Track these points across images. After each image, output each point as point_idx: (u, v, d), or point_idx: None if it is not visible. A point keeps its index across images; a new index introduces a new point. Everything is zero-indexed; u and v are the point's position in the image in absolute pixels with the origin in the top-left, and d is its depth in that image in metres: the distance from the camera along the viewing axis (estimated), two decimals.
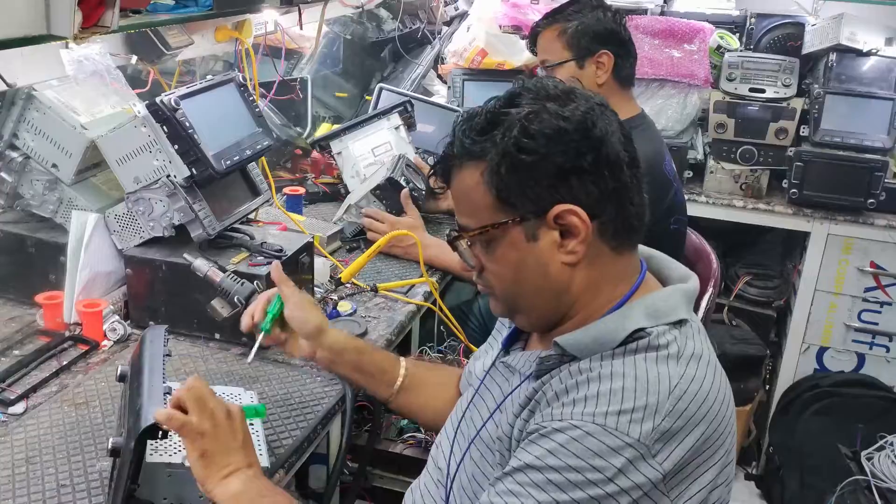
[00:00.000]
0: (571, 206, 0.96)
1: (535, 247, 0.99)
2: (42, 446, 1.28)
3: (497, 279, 1.05)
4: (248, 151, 1.63)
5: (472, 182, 1.00)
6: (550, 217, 0.97)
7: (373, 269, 2.00)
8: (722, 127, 2.78)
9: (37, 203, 1.65)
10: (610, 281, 1.02)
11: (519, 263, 1.01)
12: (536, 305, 1.05)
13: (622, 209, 1.00)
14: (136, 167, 1.56)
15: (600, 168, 0.97)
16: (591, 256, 0.99)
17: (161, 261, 1.59)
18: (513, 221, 0.99)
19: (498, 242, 1.01)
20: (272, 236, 1.71)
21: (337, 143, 2.39)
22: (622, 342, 0.97)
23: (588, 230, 0.97)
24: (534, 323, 1.10)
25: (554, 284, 1.01)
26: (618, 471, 0.87)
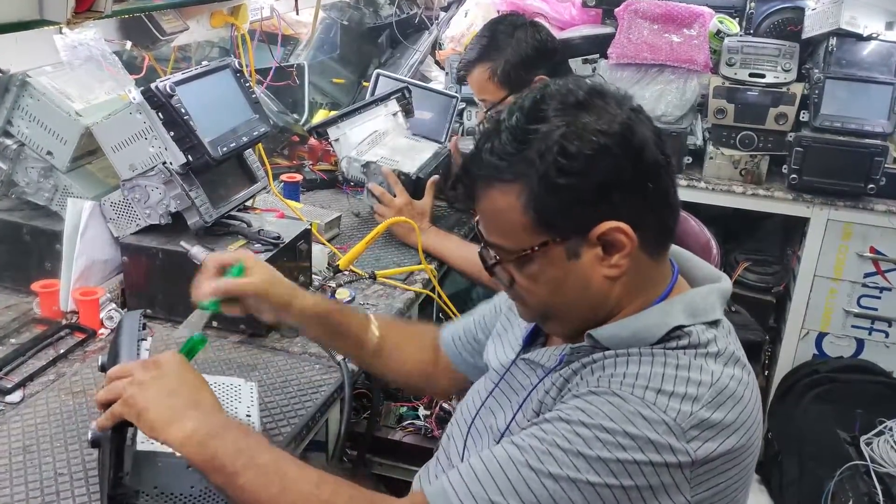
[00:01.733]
0: (616, 224, 0.93)
1: (577, 264, 0.97)
2: (39, 435, 1.27)
3: (531, 295, 1.02)
4: (245, 138, 1.61)
5: (506, 204, 0.96)
6: (594, 235, 0.94)
7: (371, 257, 1.99)
8: (721, 112, 2.76)
9: (32, 191, 1.64)
10: (647, 285, 1.00)
11: (558, 280, 0.98)
12: (573, 316, 1.02)
13: (663, 215, 0.98)
14: (132, 154, 1.55)
15: (642, 179, 0.94)
16: (632, 266, 0.97)
17: (157, 248, 1.58)
18: (554, 242, 0.96)
19: (535, 261, 0.98)
20: (269, 223, 1.70)
21: (334, 129, 2.36)
22: (661, 339, 0.96)
23: (633, 244, 0.95)
24: (566, 332, 1.07)
25: (594, 297, 0.99)
26: (649, 442, 0.86)
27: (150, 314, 1.61)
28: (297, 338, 1.56)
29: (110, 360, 1.15)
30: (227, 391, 1.30)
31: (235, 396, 1.29)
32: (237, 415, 1.25)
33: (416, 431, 1.82)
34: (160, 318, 1.61)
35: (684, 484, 0.88)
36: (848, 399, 2.64)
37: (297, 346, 1.56)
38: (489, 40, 2.02)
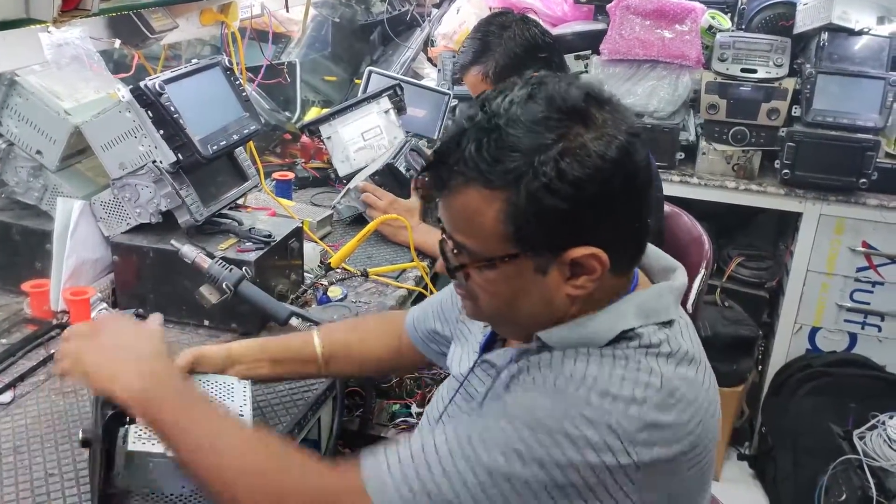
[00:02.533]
0: (593, 251, 0.89)
1: (542, 280, 0.93)
2: (30, 435, 1.27)
3: (488, 298, 0.97)
4: (235, 136, 1.61)
5: (483, 207, 0.89)
6: (568, 257, 0.90)
7: (363, 254, 1.99)
8: (714, 108, 2.76)
9: (21, 190, 1.63)
10: (607, 297, 0.97)
11: (520, 292, 0.94)
12: (527, 325, 0.99)
13: (639, 237, 0.95)
14: (122, 153, 1.54)
15: (630, 205, 0.91)
16: (597, 284, 0.94)
17: (148, 247, 1.57)
18: (524, 255, 0.91)
19: (500, 270, 0.93)
20: (261, 222, 1.70)
21: (326, 127, 2.37)
22: (610, 342, 0.93)
23: (604, 269, 0.91)
24: (518, 336, 1.05)
25: (554, 311, 0.96)
26: (587, 442, 0.84)
27: (142, 314, 1.61)
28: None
29: None
30: (220, 389, 1.30)
31: (228, 394, 1.28)
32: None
33: (408, 429, 1.82)
34: None
35: (628, 485, 0.85)
36: (841, 393, 2.65)
37: None
38: (480, 42, 2.02)
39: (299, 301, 1.70)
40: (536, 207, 0.87)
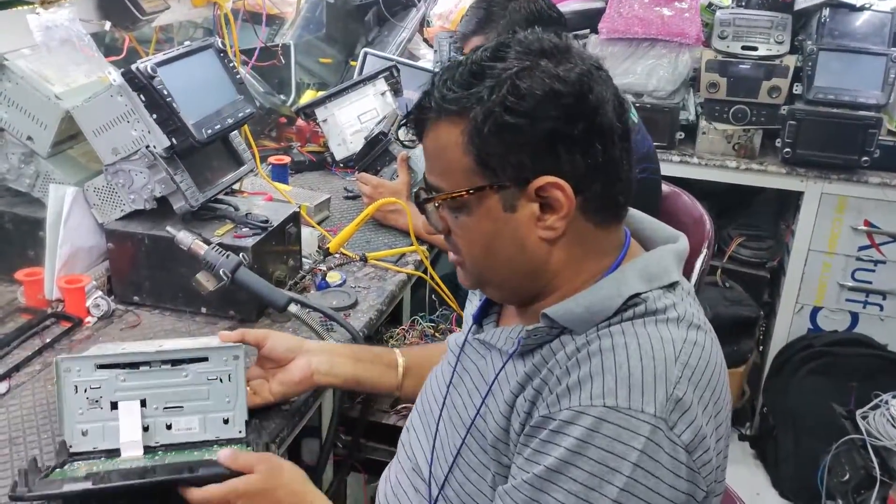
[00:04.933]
0: (556, 180, 0.89)
1: (512, 218, 0.92)
2: (26, 426, 1.25)
3: (466, 247, 0.97)
4: (230, 120, 1.58)
5: (450, 140, 0.92)
6: (532, 188, 0.90)
7: (361, 239, 1.96)
8: (714, 86, 2.73)
9: (13, 177, 1.60)
10: (593, 256, 0.96)
11: (492, 234, 0.94)
12: (509, 279, 0.98)
13: (609, 185, 0.92)
14: (114, 138, 1.51)
15: (591, 139, 0.89)
16: (573, 232, 0.93)
17: (143, 234, 1.54)
18: (490, 188, 0.91)
19: (471, 209, 0.93)
20: (257, 207, 1.67)
21: (322, 110, 2.33)
22: (618, 310, 0.92)
23: (571, 206, 0.90)
24: (506, 297, 1.04)
25: (530, 259, 0.94)
26: (640, 453, 0.81)
27: (138, 301, 1.59)
28: (287, 323, 1.54)
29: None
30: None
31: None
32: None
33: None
34: (148, 305, 1.58)
35: (693, 475, 0.84)
36: (843, 373, 2.64)
37: (287, 331, 1.53)
38: (484, 12, 1.98)
39: (298, 287, 1.68)
40: (495, 127, 0.88)
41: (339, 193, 2.25)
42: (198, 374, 1.21)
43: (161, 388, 1.20)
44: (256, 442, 1.18)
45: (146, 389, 1.19)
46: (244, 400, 1.21)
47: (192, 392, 1.20)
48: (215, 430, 1.20)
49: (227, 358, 1.21)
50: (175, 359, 1.21)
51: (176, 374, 1.20)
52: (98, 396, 1.18)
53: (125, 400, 1.18)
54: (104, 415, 1.18)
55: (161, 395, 1.20)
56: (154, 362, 1.20)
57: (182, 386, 1.20)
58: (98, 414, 1.18)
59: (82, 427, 1.17)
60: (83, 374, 1.18)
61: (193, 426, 1.20)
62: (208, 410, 1.21)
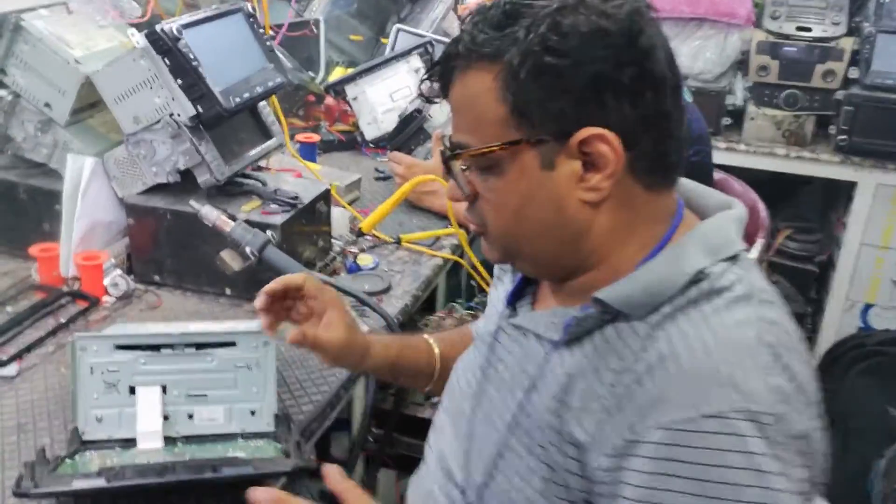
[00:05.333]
0: (602, 131, 0.76)
1: (550, 177, 0.80)
2: (36, 412, 1.15)
3: (495, 212, 0.85)
4: (259, 88, 1.47)
5: (482, 88, 0.79)
6: (575, 142, 0.77)
7: (394, 221, 1.85)
8: (764, 70, 2.59)
9: (29, 146, 1.51)
10: (642, 223, 0.83)
11: (526, 195, 0.81)
12: (543, 250, 0.85)
13: (661, 141, 0.80)
14: (136, 105, 1.41)
15: (642, 86, 0.77)
16: (620, 194, 0.80)
17: (165, 209, 1.44)
18: (527, 142, 0.79)
19: (503, 167, 0.81)
20: (287, 183, 1.56)
21: (352, 87, 2.24)
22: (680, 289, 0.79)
23: (619, 163, 0.78)
24: (541, 271, 0.91)
25: (569, 225, 0.82)
26: (761, 456, 0.70)
27: (158, 281, 1.49)
28: None
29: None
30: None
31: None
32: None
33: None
34: (169, 285, 1.49)
35: (805, 471, 0.73)
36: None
37: None
38: None
39: (328, 269, 1.58)
40: (534, 70, 0.76)
41: (370, 174, 2.14)
42: (224, 360, 1.11)
43: (184, 373, 1.10)
44: (286, 437, 1.08)
45: (168, 374, 1.10)
46: (273, 391, 1.11)
47: (217, 379, 1.10)
48: (241, 421, 1.10)
49: (256, 344, 1.11)
50: (200, 342, 1.11)
51: (201, 359, 1.10)
52: (116, 380, 1.08)
53: (145, 385, 1.09)
54: (121, 400, 1.08)
55: (184, 382, 1.10)
56: (178, 345, 1.10)
57: (207, 372, 1.10)
58: (115, 399, 1.08)
59: (97, 413, 1.08)
60: (100, 354, 1.08)
61: (218, 417, 1.10)
62: (234, 400, 1.11)
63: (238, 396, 1.11)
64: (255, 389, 1.11)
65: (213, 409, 1.10)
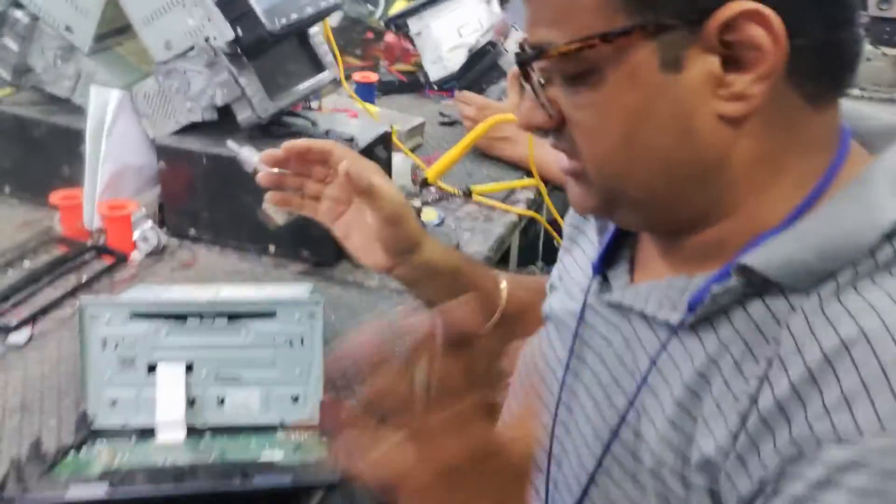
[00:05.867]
0: (758, 6, 0.51)
1: (675, 82, 0.54)
2: (45, 387, 0.98)
3: (592, 142, 0.59)
4: (310, 9, 1.25)
5: None
6: (715, 25, 0.52)
7: (461, 171, 1.63)
8: (886, 2, 2.26)
9: (49, 78, 1.32)
10: (799, 151, 0.58)
11: (640, 111, 0.56)
12: (661, 191, 0.59)
13: (834, 28, 0.54)
14: (167, 28, 1.21)
15: None
16: (774, 108, 0.55)
17: (201, 153, 1.25)
18: (643, 30, 0.53)
19: (605, 71, 0.56)
20: (341, 124, 1.36)
21: (415, 20, 2.00)
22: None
23: (779, 56, 0.52)
24: (654, 221, 0.64)
25: (698, 154, 0.57)
26: None
27: (194, 235, 1.30)
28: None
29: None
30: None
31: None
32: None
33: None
34: (205, 240, 1.30)
35: None
36: None
37: (374, 279, 1.22)
38: None
39: None
40: None
41: (434, 119, 1.91)
42: (262, 334, 0.91)
43: (214, 349, 0.91)
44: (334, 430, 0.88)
45: (194, 350, 0.91)
46: (320, 373, 0.91)
47: (253, 358, 0.91)
48: (280, 409, 0.91)
49: (300, 315, 0.91)
50: (234, 312, 0.91)
51: (234, 332, 0.91)
52: (132, 355, 0.90)
53: (167, 362, 0.90)
54: (139, 379, 0.90)
55: (213, 360, 0.91)
56: (207, 314, 0.91)
57: (241, 349, 0.91)
58: (131, 377, 0.90)
59: (111, 394, 0.90)
60: (114, 323, 0.90)
61: (253, 403, 0.91)
62: (273, 383, 0.91)
63: (278, 379, 0.91)
64: (299, 371, 0.91)
65: (248, 393, 0.91)
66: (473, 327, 0.57)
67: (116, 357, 0.90)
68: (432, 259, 0.90)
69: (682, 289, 0.61)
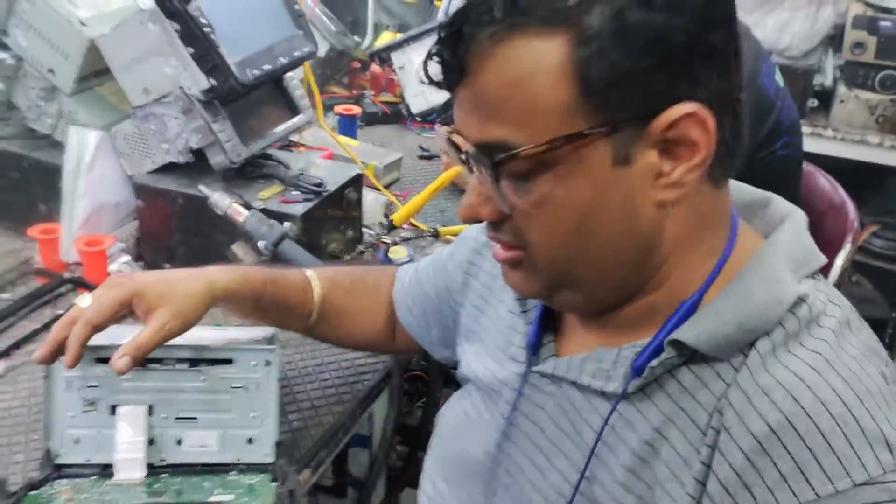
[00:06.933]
0: (696, 108, 0.58)
1: (624, 175, 0.60)
2: (14, 423, 1.03)
3: (545, 233, 0.63)
4: (283, 59, 1.30)
5: (539, 64, 0.58)
6: (660, 125, 0.58)
7: (435, 208, 1.67)
8: (860, 47, 2.32)
9: (33, 116, 1.38)
10: (709, 227, 0.66)
11: (592, 204, 0.61)
12: (607, 274, 0.65)
13: (738, 123, 0.63)
14: (145, 75, 1.25)
15: (730, 54, 0.60)
16: (691, 193, 0.62)
17: (176, 192, 1.30)
18: (600, 133, 0.58)
19: (559, 169, 0.60)
20: (314, 166, 1.40)
21: (399, 54, 2.06)
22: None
23: (710, 149, 0.59)
24: (596, 301, 0.69)
25: (641, 237, 0.63)
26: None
27: (169, 269, 1.35)
28: None
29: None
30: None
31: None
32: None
33: None
34: None
35: None
36: None
37: None
38: None
39: (355, 263, 1.41)
40: (620, 36, 0.56)
41: (414, 152, 1.97)
42: (219, 379, 0.95)
43: (174, 392, 0.95)
44: (285, 471, 0.93)
45: (155, 393, 0.95)
46: (275, 416, 0.95)
47: (211, 401, 0.95)
48: (236, 450, 0.95)
49: (256, 362, 0.95)
50: (193, 357, 0.96)
51: (193, 376, 0.95)
52: (96, 397, 0.94)
53: (128, 404, 0.94)
54: (102, 420, 0.94)
55: (173, 402, 0.95)
56: (167, 360, 0.95)
57: (199, 392, 0.95)
58: (94, 419, 0.94)
59: (74, 433, 0.94)
60: (79, 367, 0.94)
61: (210, 444, 0.95)
62: (229, 425, 0.96)
63: (234, 421, 0.96)
64: (254, 414, 0.96)
65: (205, 434, 0.95)
66: None
67: (80, 398, 0.94)
68: (230, 289, 0.92)
69: (612, 360, 0.68)
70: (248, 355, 0.95)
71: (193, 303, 0.87)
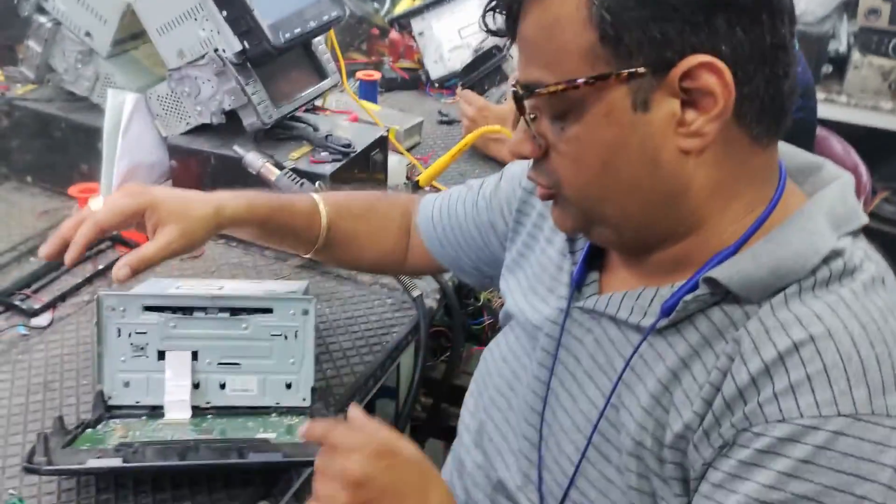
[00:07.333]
0: (712, 60, 0.62)
1: (643, 120, 0.65)
2: (64, 368, 1.09)
3: (573, 168, 0.70)
4: (313, 23, 1.34)
5: (565, 11, 0.65)
6: (677, 74, 0.63)
7: (455, 171, 1.72)
8: (875, 13, 2.33)
9: (70, 78, 1.42)
10: (747, 181, 0.69)
11: (614, 144, 0.67)
12: (632, 212, 0.70)
13: (774, 81, 0.66)
14: (180, 38, 1.30)
15: (759, 10, 0.64)
16: (724, 143, 0.67)
17: (209, 152, 1.35)
18: (618, 76, 0.64)
19: (585, 109, 0.66)
20: (340, 128, 1.45)
21: (418, 20, 2.08)
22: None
23: (728, 100, 0.64)
24: (625, 239, 0.74)
25: (664, 181, 0.68)
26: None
27: None
28: None
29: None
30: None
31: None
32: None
33: None
34: None
35: None
36: None
37: (366, 274, 1.32)
38: None
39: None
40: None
41: (433, 117, 2.00)
42: (260, 327, 1.01)
43: (217, 339, 1.01)
44: (323, 414, 0.99)
45: (199, 340, 1.01)
46: (311, 363, 1.01)
47: (251, 348, 1.01)
48: (276, 394, 1.01)
49: (294, 311, 1.01)
50: (235, 307, 1.02)
51: (235, 324, 1.01)
52: (144, 343, 1.00)
53: (174, 350, 1.00)
54: (150, 365, 1.00)
55: (216, 349, 1.01)
56: (210, 309, 1.01)
57: (241, 340, 1.01)
58: (143, 363, 1.00)
59: (124, 377, 1.00)
60: (128, 315, 1.00)
61: (251, 388, 1.02)
62: (269, 371, 1.02)
63: (273, 367, 1.02)
64: (292, 360, 1.02)
65: (247, 379, 1.02)
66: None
67: (130, 344, 1.00)
68: (236, 216, 0.99)
69: (651, 297, 0.73)
70: (287, 304, 1.01)
71: (201, 226, 0.94)
